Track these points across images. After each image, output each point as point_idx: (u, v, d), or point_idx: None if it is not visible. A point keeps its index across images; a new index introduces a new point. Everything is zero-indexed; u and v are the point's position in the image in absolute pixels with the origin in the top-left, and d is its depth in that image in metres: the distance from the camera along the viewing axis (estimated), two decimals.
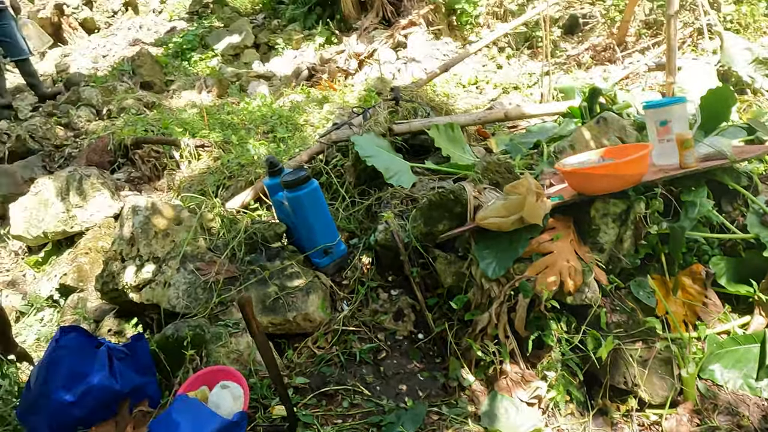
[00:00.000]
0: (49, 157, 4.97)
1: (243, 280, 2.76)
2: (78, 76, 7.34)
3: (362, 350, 2.58)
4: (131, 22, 9.51)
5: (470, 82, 6.20)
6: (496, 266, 2.46)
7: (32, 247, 4.06)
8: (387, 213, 2.96)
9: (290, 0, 9.09)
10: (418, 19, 7.22)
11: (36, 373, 2.13)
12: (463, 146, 3.68)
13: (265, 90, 6.61)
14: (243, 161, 4.12)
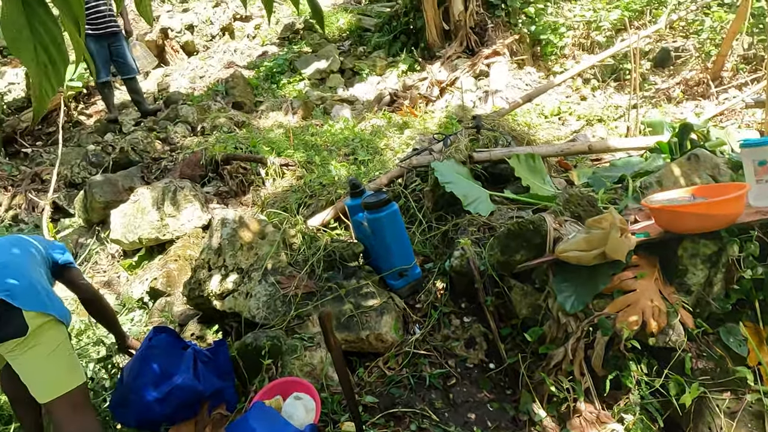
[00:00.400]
0: (147, 169, 5.35)
1: (320, 296, 2.85)
2: (177, 94, 7.88)
3: (432, 375, 2.58)
4: (227, 46, 10.11)
5: (552, 113, 6.13)
6: (574, 300, 2.41)
7: (127, 251, 4.36)
8: (464, 239, 2.97)
9: (376, 28, 9.37)
10: (502, 48, 7.24)
11: (129, 369, 2.29)
12: (543, 177, 3.64)
13: (347, 114, 6.82)
14: (324, 181, 4.26)
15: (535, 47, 7.69)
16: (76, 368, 2.13)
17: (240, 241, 3.14)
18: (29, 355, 2.00)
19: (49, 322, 2.04)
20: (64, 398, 2.03)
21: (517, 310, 2.66)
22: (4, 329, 1.96)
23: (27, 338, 1.98)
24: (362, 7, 10.89)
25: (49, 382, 2.04)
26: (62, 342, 2.09)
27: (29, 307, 1.99)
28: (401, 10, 8.77)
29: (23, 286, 2.03)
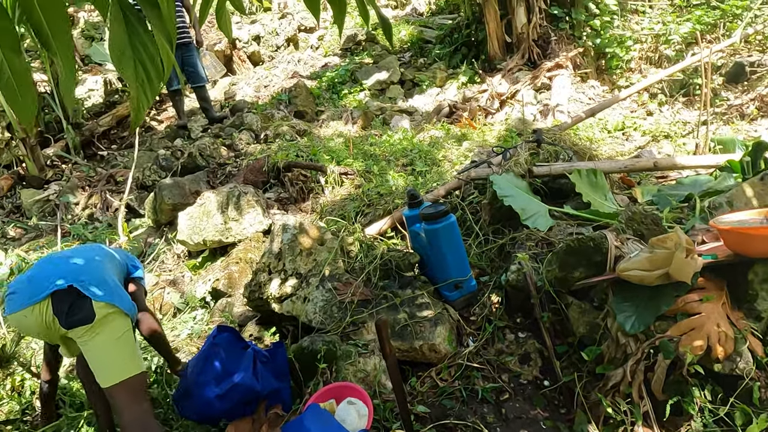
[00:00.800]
0: (213, 174, 5.58)
1: (375, 304, 2.89)
2: (242, 103, 8.18)
3: (485, 388, 2.57)
4: (291, 57, 10.41)
5: (616, 128, 5.98)
6: (635, 321, 2.35)
7: (192, 252, 4.55)
8: (521, 254, 2.95)
9: (437, 39, 9.41)
10: (565, 61, 7.13)
11: (193, 364, 2.40)
12: (605, 193, 3.57)
13: (406, 124, 6.88)
14: (382, 191, 4.32)
15: (599, 61, 7.54)
16: (137, 358, 2.26)
17: (299, 247, 3.23)
18: (95, 341, 2.16)
19: (114, 313, 2.20)
20: (123, 384, 2.16)
21: (575, 327, 2.62)
22: (75, 316, 2.13)
23: (93, 325, 2.14)
24: (424, 19, 10.97)
25: (110, 368, 2.18)
26: (126, 332, 2.24)
27: (98, 297, 2.15)
28: (463, 22, 8.79)
29: (95, 280, 2.21)
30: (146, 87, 1.01)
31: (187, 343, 3.51)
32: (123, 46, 0.97)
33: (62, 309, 2.13)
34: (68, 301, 2.13)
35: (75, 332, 2.16)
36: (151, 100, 1.04)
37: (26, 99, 1.06)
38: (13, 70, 1.02)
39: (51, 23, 1.01)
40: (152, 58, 1.00)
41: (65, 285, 2.13)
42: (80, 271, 2.23)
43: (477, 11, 8.30)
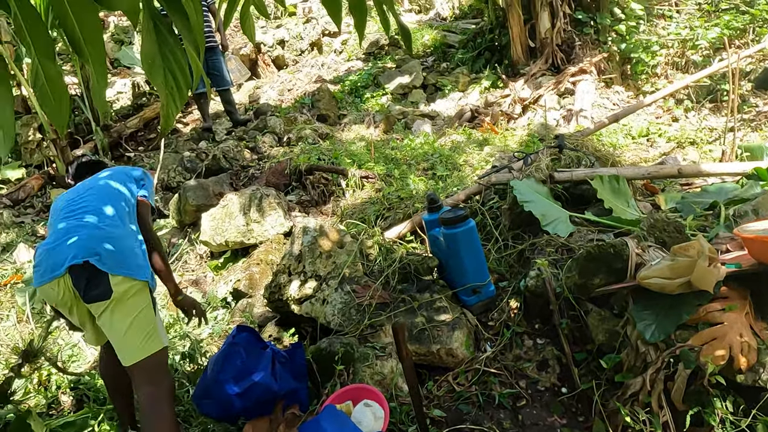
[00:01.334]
0: (236, 176, 5.65)
1: (393, 307, 2.90)
2: (266, 106, 8.27)
3: (502, 394, 2.57)
4: (315, 61, 10.50)
5: (640, 134, 5.91)
6: (655, 329, 2.32)
7: (214, 252, 4.62)
8: (541, 260, 2.94)
9: (460, 44, 9.41)
10: (589, 66, 7.07)
11: (213, 363, 2.44)
12: (627, 200, 3.53)
13: (428, 128, 6.89)
14: (402, 195, 4.34)
15: (624, 66, 7.45)
16: (156, 335, 2.20)
17: (319, 249, 3.26)
18: (114, 319, 2.13)
19: (132, 287, 2.15)
20: (141, 364, 2.14)
21: (594, 335, 2.60)
22: (92, 291, 2.10)
23: (111, 302, 2.11)
24: (447, 24, 10.98)
25: (129, 347, 2.14)
26: (145, 308, 2.19)
27: (115, 271, 2.11)
28: (486, 27, 8.77)
29: (112, 251, 2.14)
30: (175, 94, 1.04)
31: (208, 343, 3.56)
32: (153, 55, 1.00)
33: (81, 284, 2.10)
34: (85, 275, 2.09)
35: (94, 307, 2.14)
36: (180, 107, 1.08)
37: (60, 104, 1.09)
38: (47, 76, 1.06)
39: (84, 29, 1.05)
40: (181, 67, 1.04)
41: (81, 260, 2.09)
42: (95, 238, 2.16)
43: (500, 16, 8.28)
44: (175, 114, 1.07)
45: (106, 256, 2.11)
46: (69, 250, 2.12)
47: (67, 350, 3.51)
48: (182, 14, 1.05)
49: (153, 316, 2.23)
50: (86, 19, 1.04)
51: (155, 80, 1.02)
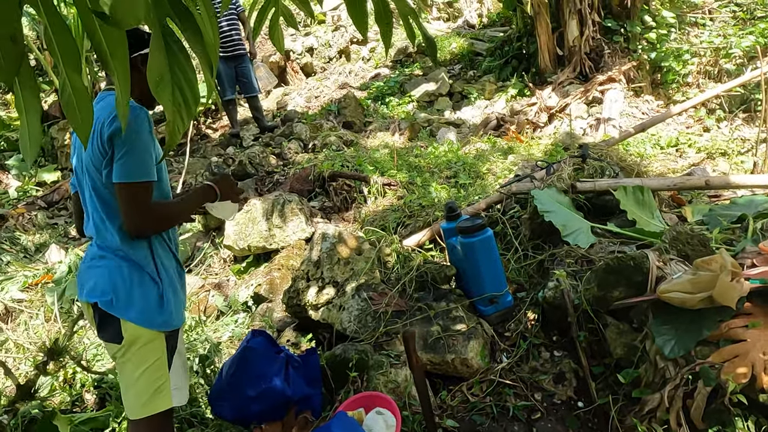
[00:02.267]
0: (261, 181, 5.73)
1: (409, 315, 2.90)
2: (293, 113, 8.37)
3: (516, 406, 2.54)
4: (342, 68, 10.60)
5: (669, 144, 5.79)
6: (675, 345, 2.27)
7: (237, 257, 4.69)
8: (560, 271, 2.90)
9: (488, 52, 9.38)
10: (618, 75, 6.97)
11: (228, 366, 2.47)
12: (652, 211, 3.46)
13: (452, 136, 6.88)
14: (424, 202, 4.34)
15: (655, 74, 7.32)
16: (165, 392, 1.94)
17: (338, 256, 3.28)
18: (124, 367, 1.92)
19: (144, 336, 1.89)
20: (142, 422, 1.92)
21: (612, 348, 2.55)
22: (103, 333, 1.92)
23: (122, 347, 1.89)
24: (475, 32, 10.96)
25: (134, 400, 1.92)
26: (156, 360, 1.93)
27: (127, 317, 1.86)
28: (514, 35, 8.73)
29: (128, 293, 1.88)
30: (183, 110, 1.06)
31: (228, 346, 3.61)
32: (162, 71, 1.03)
33: (95, 321, 1.93)
34: (98, 314, 1.89)
35: (108, 348, 1.96)
36: (187, 124, 1.10)
37: (84, 115, 1.13)
38: (74, 87, 1.09)
39: (110, 44, 1.08)
40: (190, 83, 1.05)
41: (92, 301, 1.88)
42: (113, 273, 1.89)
43: (528, 24, 8.23)
44: (182, 130, 1.09)
45: (119, 299, 1.86)
46: (87, 281, 1.93)
47: (92, 349, 3.59)
48: (196, 31, 1.07)
49: (165, 370, 1.94)
50: (112, 34, 1.08)
51: (161, 96, 1.04)
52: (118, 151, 1.78)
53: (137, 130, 1.79)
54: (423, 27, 1.69)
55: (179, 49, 1.07)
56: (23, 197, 6.75)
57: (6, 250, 5.26)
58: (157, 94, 1.05)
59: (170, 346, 1.98)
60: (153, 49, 1.04)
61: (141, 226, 1.87)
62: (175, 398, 1.97)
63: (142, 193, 1.82)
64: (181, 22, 1.07)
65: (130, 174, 1.78)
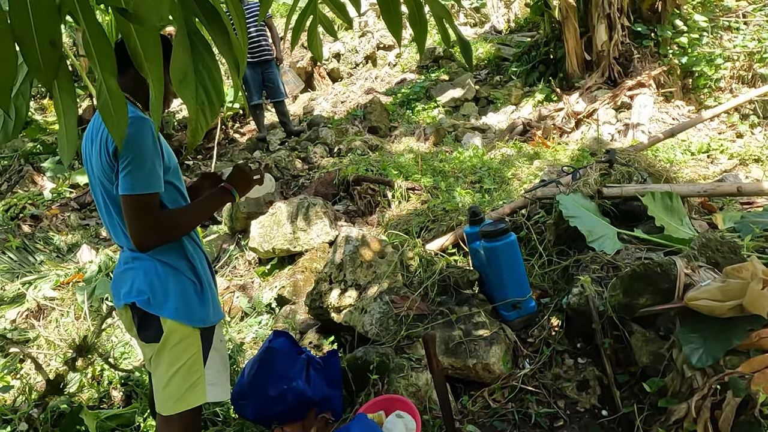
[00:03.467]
0: (286, 185, 5.79)
1: (431, 319, 2.89)
2: (319, 117, 8.44)
3: (539, 413, 2.51)
4: (369, 73, 10.65)
5: (700, 150, 5.66)
6: (703, 354, 2.22)
7: (262, 259, 4.74)
8: (584, 277, 2.86)
9: (515, 57, 9.33)
10: (647, 80, 6.86)
11: (250, 366, 2.50)
12: (681, 218, 3.39)
13: (478, 141, 6.85)
14: (448, 207, 4.33)
15: (686, 79, 7.18)
16: (200, 386, 1.94)
17: (360, 259, 3.29)
18: (160, 363, 1.92)
19: (182, 333, 1.91)
20: (174, 418, 1.93)
21: (637, 356, 2.50)
22: (144, 332, 1.93)
23: (161, 344, 1.90)
24: (502, 37, 10.91)
25: (168, 396, 1.91)
26: (193, 356, 1.94)
27: (165, 314, 1.88)
28: (542, 40, 8.66)
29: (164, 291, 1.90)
30: (206, 109, 1.08)
31: (251, 346, 3.65)
32: (185, 69, 1.05)
33: (135, 322, 1.94)
34: (138, 314, 1.91)
35: (149, 348, 1.95)
36: (210, 122, 1.11)
37: (119, 117, 1.16)
38: (109, 90, 1.13)
39: (145, 48, 1.11)
40: (214, 82, 1.07)
41: (129, 301, 1.90)
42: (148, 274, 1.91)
43: (556, 28, 8.16)
44: (205, 128, 1.11)
45: (157, 296, 1.88)
46: (123, 285, 1.94)
47: (120, 347, 3.67)
48: (223, 31, 1.09)
49: (201, 366, 1.95)
50: (147, 37, 1.11)
51: (184, 94, 1.06)
52: (121, 163, 1.78)
53: (140, 142, 1.78)
54: (458, 30, 1.69)
55: (205, 48, 1.09)
56: (57, 198, 6.93)
57: (40, 249, 5.41)
58: (180, 92, 1.07)
59: (206, 342, 1.98)
60: (177, 46, 1.06)
61: (146, 239, 1.84)
62: (211, 394, 1.97)
63: (146, 205, 1.80)
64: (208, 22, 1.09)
65: (134, 186, 1.77)
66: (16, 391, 3.34)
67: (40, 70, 0.95)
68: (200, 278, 2.01)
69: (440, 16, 1.60)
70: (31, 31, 0.92)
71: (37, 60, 0.94)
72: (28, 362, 3.49)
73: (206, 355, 1.97)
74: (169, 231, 1.90)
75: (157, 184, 1.83)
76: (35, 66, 0.94)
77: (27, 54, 0.94)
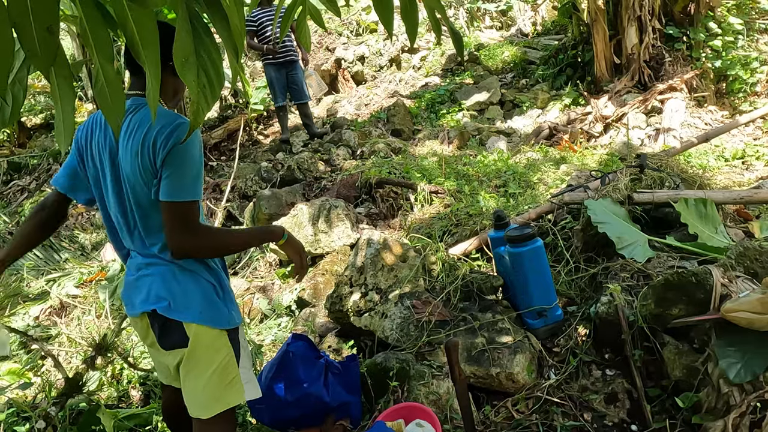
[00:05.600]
0: (308, 187, 5.77)
1: (453, 325, 2.81)
2: (342, 120, 8.42)
3: (564, 426, 2.41)
4: (393, 76, 10.60)
5: (735, 156, 5.48)
6: (741, 369, 2.10)
7: (283, 260, 4.71)
8: (614, 285, 2.75)
9: (541, 61, 9.19)
10: (679, 84, 6.68)
11: (268, 369, 2.45)
12: (716, 226, 3.26)
13: (503, 145, 6.74)
14: (471, 211, 4.24)
15: (719, 84, 6.98)
16: (237, 385, 1.91)
17: (382, 262, 3.23)
18: (192, 368, 1.87)
19: (209, 336, 1.86)
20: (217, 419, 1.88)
21: (669, 370, 2.39)
22: (167, 339, 1.86)
23: (189, 349, 1.84)
24: (529, 40, 10.78)
25: (204, 399, 1.87)
26: (226, 357, 1.89)
27: (189, 319, 1.82)
28: (569, 43, 8.52)
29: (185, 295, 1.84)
30: (206, 91, 1.07)
31: (270, 349, 3.61)
32: (187, 53, 1.03)
33: (155, 330, 1.88)
34: (158, 322, 1.85)
35: (172, 355, 1.90)
36: (211, 104, 1.10)
37: (116, 104, 1.15)
38: (107, 78, 1.11)
39: (142, 35, 1.10)
40: (215, 66, 1.06)
41: (149, 309, 1.83)
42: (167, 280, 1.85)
43: (585, 31, 8.01)
44: (206, 111, 1.09)
45: (175, 302, 1.82)
46: (138, 293, 1.88)
47: (139, 347, 3.66)
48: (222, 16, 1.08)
49: (235, 366, 1.91)
50: (144, 24, 1.09)
51: (186, 77, 1.05)
52: (167, 168, 1.71)
53: (190, 148, 1.74)
54: (449, 21, 1.69)
55: (205, 32, 1.08)
56: None
57: (65, 247, 5.47)
58: (182, 74, 1.05)
59: (234, 343, 1.94)
60: (179, 31, 1.04)
61: (186, 246, 1.79)
62: (248, 392, 1.94)
63: (190, 212, 1.74)
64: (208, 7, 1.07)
65: (180, 193, 1.72)
66: (36, 388, 3.35)
67: (37, 57, 0.94)
68: (220, 281, 1.96)
69: (431, 6, 1.57)
70: (29, 17, 0.92)
71: (34, 46, 0.93)
72: (49, 359, 3.50)
73: (238, 355, 1.94)
74: (213, 247, 1.88)
75: (200, 192, 1.78)
76: (32, 52, 0.93)
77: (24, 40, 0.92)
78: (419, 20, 1.61)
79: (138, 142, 1.73)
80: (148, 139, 1.72)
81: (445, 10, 1.55)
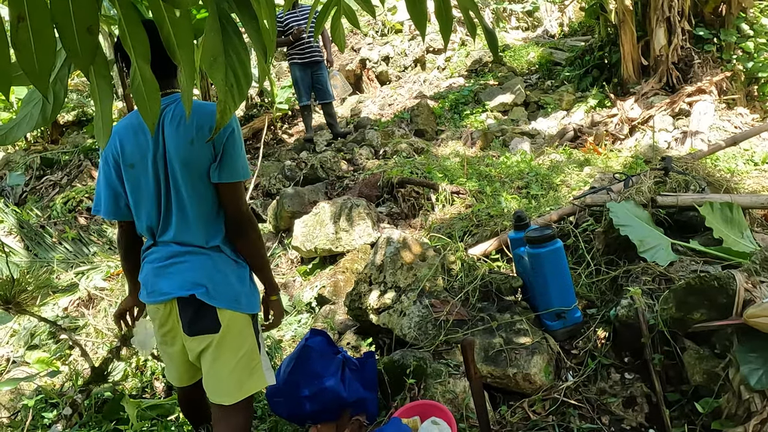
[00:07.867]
0: (331, 186, 5.81)
1: (471, 325, 2.82)
2: (366, 120, 8.46)
3: (581, 428, 2.40)
4: (417, 77, 10.61)
5: (764, 160, 5.35)
6: (763, 375, 2.07)
7: (304, 258, 4.76)
8: (635, 288, 2.73)
9: (567, 62, 9.11)
10: (708, 86, 6.55)
11: (286, 363, 2.49)
12: (742, 230, 3.20)
13: (526, 147, 6.70)
14: (492, 212, 4.24)
15: (750, 86, 6.83)
16: (259, 372, 2.00)
17: (401, 261, 3.25)
18: (219, 355, 1.92)
19: (240, 322, 1.94)
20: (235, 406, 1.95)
21: (689, 374, 2.37)
22: (198, 324, 1.90)
23: (219, 336, 1.90)
24: (555, 41, 10.68)
25: (230, 386, 1.94)
26: (251, 343, 1.98)
27: (223, 305, 1.90)
28: (596, 44, 8.42)
29: (220, 283, 1.92)
30: (234, 92, 1.09)
31: (289, 344, 3.66)
32: (216, 53, 1.06)
33: (186, 317, 1.91)
34: (192, 308, 1.90)
35: (197, 341, 1.93)
36: (238, 104, 1.13)
37: (152, 103, 1.19)
38: (143, 77, 1.16)
39: (178, 35, 1.14)
40: (243, 66, 1.09)
41: (186, 293, 1.88)
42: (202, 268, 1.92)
43: (612, 32, 7.91)
44: (233, 110, 1.12)
45: (213, 288, 1.90)
46: (174, 279, 1.92)
47: None
48: (252, 17, 1.11)
49: (258, 353, 2.01)
50: (180, 25, 1.13)
51: (215, 76, 1.08)
52: (228, 151, 1.87)
53: (238, 132, 1.92)
54: (483, 20, 1.67)
55: (234, 31, 1.11)
56: None
57: (94, 241, 5.61)
58: (211, 74, 1.09)
59: (256, 330, 2.04)
60: (208, 30, 1.07)
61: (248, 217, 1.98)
62: (269, 378, 2.05)
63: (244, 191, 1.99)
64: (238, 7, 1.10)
65: (242, 172, 1.92)
66: (63, 376, 3.45)
67: (77, 56, 0.98)
68: (248, 269, 2.07)
69: (465, 6, 1.57)
70: (70, 18, 0.95)
71: (75, 46, 0.97)
72: (77, 349, 3.60)
73: (259, 342, 2.04)
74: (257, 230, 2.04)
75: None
76: (73, 52, 0.97)
77: (66, 40, 0.96)
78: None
79: (192, 130, 1.85)
80: (203, 125, 1.86)
81: (479, 10, 1.55)
